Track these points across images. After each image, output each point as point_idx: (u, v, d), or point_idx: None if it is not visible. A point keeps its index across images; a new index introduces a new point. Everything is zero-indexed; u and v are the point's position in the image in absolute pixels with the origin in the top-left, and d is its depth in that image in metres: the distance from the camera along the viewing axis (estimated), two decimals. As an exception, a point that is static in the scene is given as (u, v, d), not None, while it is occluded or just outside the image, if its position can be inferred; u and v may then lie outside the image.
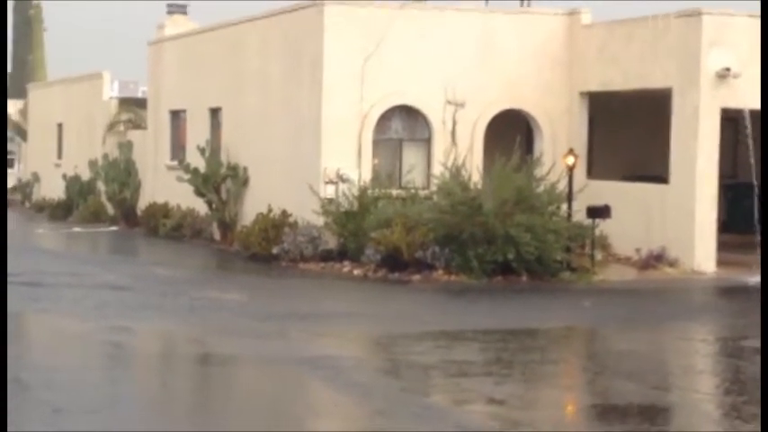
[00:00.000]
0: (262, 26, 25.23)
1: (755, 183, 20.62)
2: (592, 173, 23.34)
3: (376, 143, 22.58)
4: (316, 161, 22.33)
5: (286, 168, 23.60)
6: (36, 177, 41.19)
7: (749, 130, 20.43)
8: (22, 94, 47.81)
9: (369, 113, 22.40)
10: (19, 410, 10.00)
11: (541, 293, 18.65)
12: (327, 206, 21.69)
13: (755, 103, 20.24)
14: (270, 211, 22.70)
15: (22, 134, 45.30)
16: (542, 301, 18.10)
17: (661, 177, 21.64)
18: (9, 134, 48.59)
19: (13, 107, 47.55)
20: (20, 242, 28.65)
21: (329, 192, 21.89)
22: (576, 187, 20.58)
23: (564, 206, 20.32)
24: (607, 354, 13.91)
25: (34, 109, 42.97)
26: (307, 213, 22.03)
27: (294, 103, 23.45)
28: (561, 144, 22.73)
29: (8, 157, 50.83)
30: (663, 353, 14.05)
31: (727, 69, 20.22)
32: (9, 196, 44.43)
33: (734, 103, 20.34)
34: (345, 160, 22.18)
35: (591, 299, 17.95)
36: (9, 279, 19.32)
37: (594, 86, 23.00)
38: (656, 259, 20.70)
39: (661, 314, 16.93)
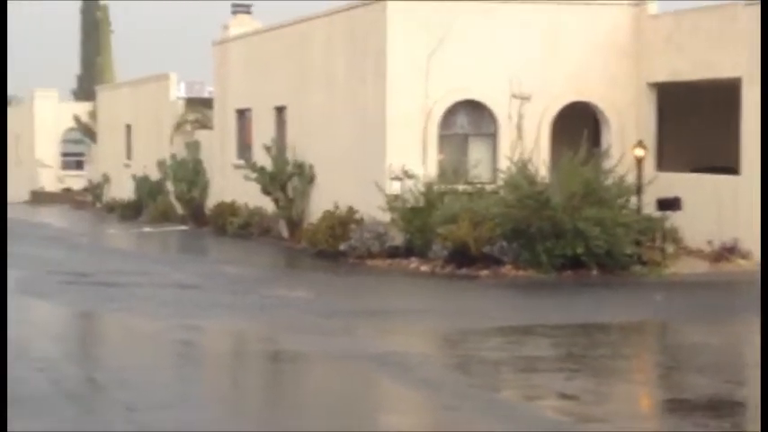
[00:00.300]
0: (326, 24, 25.29)
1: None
2: (661, 165, 23.07)
3: (441, 138, 22.52)
4: (381, 157, 22.33)
5: (351, 165, 23.64)
6: (106, 178, 41.69)
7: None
8: (90, 96, 48.40)
9: (433, 109, 22.36)
10: (94, 410, 10.13)
11: (612, 287, 18.48)
12: (393, 202, 21.68)
13: (828, 90, 19.85)
14: (336, 208, 22.76)
15: (92, 136, 45.86)
16: (613, 296, 17.93)
17: (732, 168, 21.33)
18: (79, 136, 49.24)
19: (82, 109, 48.16)
20: (92, 243, 29.05)
21: (395, 188, 21.88)
22: (645, 179, 20.37)
23: (633, 199, 20.12)
24: (679, 348, 13.74)
25: (103, 111, 43.50)
26: (373, 210, 22.04)
27: (359, 99, 23.48)
28: (629, 136, 22.50)
29: (78, 158, 51.55)
30: (736, 346, 13.86)
31: (798, 57, 19.85)
32: (80, 197, 45.07)
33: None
34: (411, 156, 22.15)
35: (662, 292, 17.75)
36: (83, 280, 19.60)
37: (662, 77, 22.74)
38: (729, 251, 20.40)
39: (734, 307, 16.70)
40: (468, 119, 22.84)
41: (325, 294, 18.18)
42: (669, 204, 20.22)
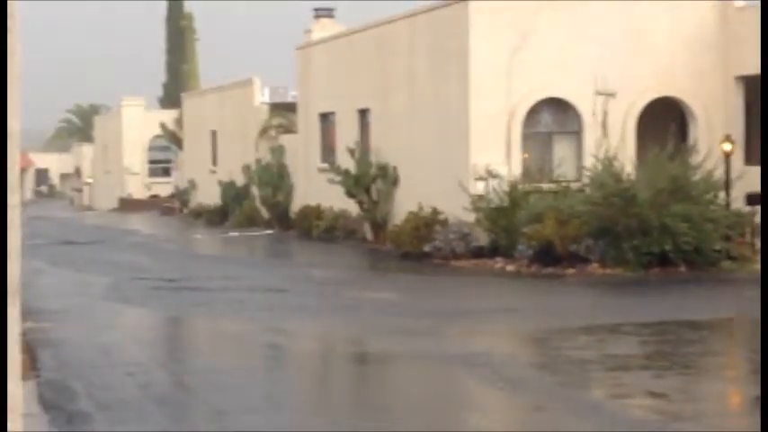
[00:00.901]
0: (407, 25, 25.32)
1: None
2: (750, 159, 22.66)
3: (525, 137, 22.40)
4: (464, 157, 22.28)
5: (435, 166, 23.62)
6: (192, 184, 42.21)
7: None
8: (176, 103, 49.04)
9: (517, 107, 22.25)
10: (184, 414, 10.23)
11: (701, 284, 18.21)
12: (478, 202, 21.62)
13: None
14: (420, 209, 22.76)
15: (178, 143, 46.44)
16: (702, 292, 17.66)
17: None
18: (165, 143, 49.88)
19: (168, 117, 48.81)
20: (180, 248, 29.42)
21: (479, 188, 21.82)
22: (733, 174, 20.04)
23: (722, 194, 19.81)
24: (771, 345, 13.46)
25: (189, 118, 44.05)
26: (457, 210, 22.00)
27: (441, 100, 23.45)
28: (717, 131, 22.16)
29: (165, 165, 52.24)
30: (831, 342, 13.53)
31: None
32: (167, 204, 45.68)
33: None
34: (494, 156, 22.07)
35: (752, 288, 17.41)
36: (170, 285, 19.85)
37: (750, 70, 22.32)
38: (821, 246, 19.97)
39: (828, 302, 16.31)
40: (552, 117, 22.69)
41: (411, 295, 18.18)
42: (758, 199, 19.85)
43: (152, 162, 53.26)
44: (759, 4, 22.44)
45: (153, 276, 21.03)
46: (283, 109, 35.88)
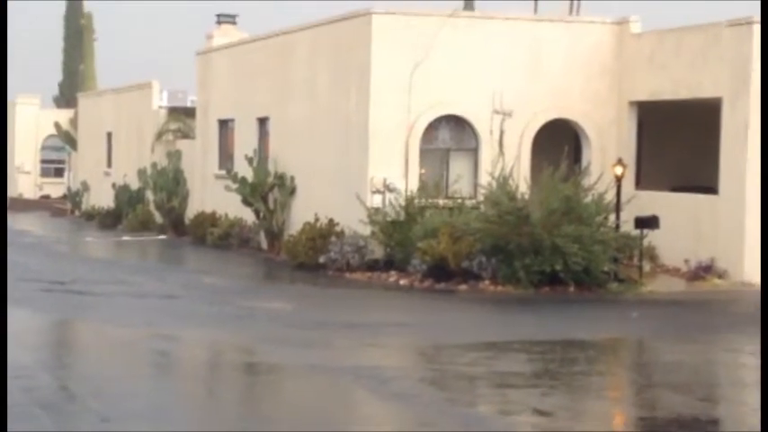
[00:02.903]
0: (310, 36, 25.32)
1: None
2: (640, 183, 23.17)
3: (423, 152, 22.56)
4: (363, 170, 22.35)
5: (333, 177, 23.65)
6: (86, 186, 41.56)
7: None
8: (72, 103, 48.27)
9: (416, 123, 22.40)
10: (67, 420, 10.08)
11: (589, 304, 18.52)
12: (374, 216, 21.71)
13: (807, 112, 19.98)
14: (317, 220, 22.76)
15: (72, 143, 45.72)
16: (590, 313, 17.97)
17: (711, 188, 21.43)
18: (59, 143, 49.11)
19: (63, 116, 48.00)
20: (70, 251, 28.94)
21: (376, 201, 21.91)
22: (624, 198, 20.44)
23: (612, 217, 20.19)
24: (655, 365, 13.78)
25: (84, 118, 43.38)
26: (353, 223, 22.06)
27: (342, 112, 23.50)
28: (609, 154, 22.58)
29: (58, 166, 51.39)
30: (711, 365, 13.91)
31: (778, 79, 19.98)
32: (58, 205, 44.90)
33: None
34: (392, 170, 22.18)
35: (639, 310, 17.80)
36: (60, 288, 19.53)
37: (644, 96, 22.85)
38: (705, 270, 20.50)
39: (709, 326, 16.76)
40: (450, 133, 22.90)
41: (303, 306, 18.17)
42: (647, 223, 20.30)
43: (44, 162, 52.32)
44: (654, 30, 22.97)
45: (42, 279, 20.66)
46: (182, 114, 35.56)
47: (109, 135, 39.65)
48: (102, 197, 38.38)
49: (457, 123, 22.82)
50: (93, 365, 12.85)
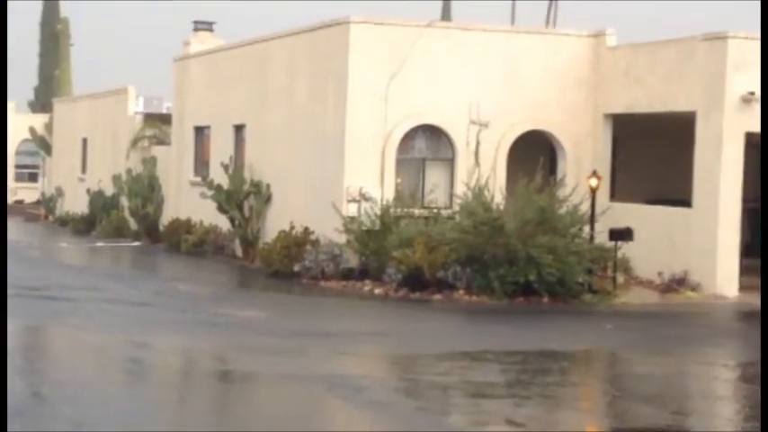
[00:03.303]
0: (287, 44, 25.33)
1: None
2: (615, 195, 23.28)
3: (399, 162, 22.59)
4: (339, 179, 22.36)
5: (309, 186, 23.64)
6: (60, 192, 41.39)
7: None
8: (47, 108, 48.07)
9: (392, 132, 22.43)
10: (39, 425, 10.03)
11: (563, 315, 18.58)
12: (349, 224, 21.71)
13: (780, 127, 20.15)
14: (292, 228, 22.75)
15: (47, 148, 45.53)
16: (563, 324, 18.02)
17: (684, 201, 21.55)
18: (34, 148, 48.88)
19: (38, 121, 47.80)
20: (43, 256, 28.80)
21: (351, 210, 21.91)
22: (598, 209, 20.54)
23: (586, 228, 20.27)
24: (627, 377, 13.84)
25: (59, 123, 43.22)
26: (329, 231, 22.06)
27: (318, 120, 23.51)
28: (585, 166, 22.69)
29: (32, 171, 51.13)
30: (683, 377, 13.97)
31: (752, 93, 20.14)
32: (32, 210, 44.68)
33: (758, 128, 20.25)
34: (368, 179, 22.20)
35: (612, 322, 17.87)
36: (32, 293, 19.43)
37: (619, 109, 22.96)
38: (678, 283, 20.61)
39: (682, 338, 16.83)
40: (427, 143, 22.93)
41: (278, 314, 18.14)
42: (621, 235, 20.39)
43: (19, 167, 52.09)
44: (629, 43, 23.09)
45: (14, 284, 20.53)
46: (157, 120, 35.46)
47: (84, 141, 39.51)
48: (76, 203, 38.22)
49: (433, 133, 22.87)
50: (65, 371, 12.80)
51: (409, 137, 22.69)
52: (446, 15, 49.46)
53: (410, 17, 23.30)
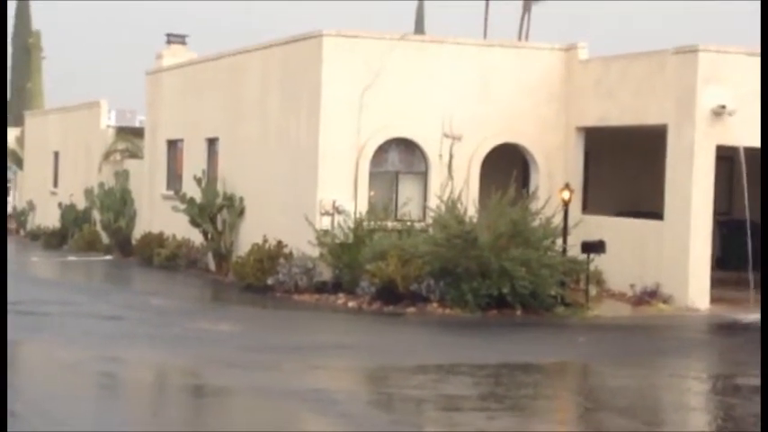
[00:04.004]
0: (260, 57, 25.32)
1: (749, 220, 20.67)
2: (587, 208, 23.38)
3: (372, 175, 22.60)
4: (312, 192, 22.35)
5: (282, 199, 23.62)
6: (31, 205, 41.16)
7: (744, 168, 20.48)
8: (18, 121, 47.84)
9: (366, 145, 22.45)
10: (9, 439, 9.96)
11: (535, 328, 18.62)
12: (323, 237, 21.70)
13: (750, 140, 20.31)
14: (265, 241, 22.71)
15: (18, 162, 45.30)
16: (536, 336, 18.06)
17: (656, 213, 21.67)
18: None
19: (10, 135, 47.54)
20: (14, 270, 28.60)
21: (325, 223, 21.91)
22: (571, 222, 20.61)
23: (559, 241, 20.34)
24: (600, 389, 13.88)
25: (31, 137, 43.01)
26: (302, 244, 22.04)
27: (291, 133, 23.51)
28: (557, 179, 22.77)
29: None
30: (655, 389, 14.03)
31: (723, 107, 20.29)
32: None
33: (729, 141, 20.40)
34: (342, 192, 22.20)
35: (585, 334, 17.93)
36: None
37: (591, 121, 23.08)
38: (650, 295, 20.70)
39: (654, 351, 16.91)
40: (400, 156, 22.96)
41: (251, 328, 18.09)
42: (593, 247, 20.47)
43: (-11, 180, 51.79)
44: (601, 57, 23.22)
45: (-15, 298, 20.41)
46: (130, 133, 35.36)
47: (56, 154, 39.33)
48: (48, 217, 38.02)
49: (407, 146, 22.90)
50: (36, 386, 12.71)
51: (383, 150, 22.72)
52: (419, 28, 49.60)
53: (383, 30, 23.38)
